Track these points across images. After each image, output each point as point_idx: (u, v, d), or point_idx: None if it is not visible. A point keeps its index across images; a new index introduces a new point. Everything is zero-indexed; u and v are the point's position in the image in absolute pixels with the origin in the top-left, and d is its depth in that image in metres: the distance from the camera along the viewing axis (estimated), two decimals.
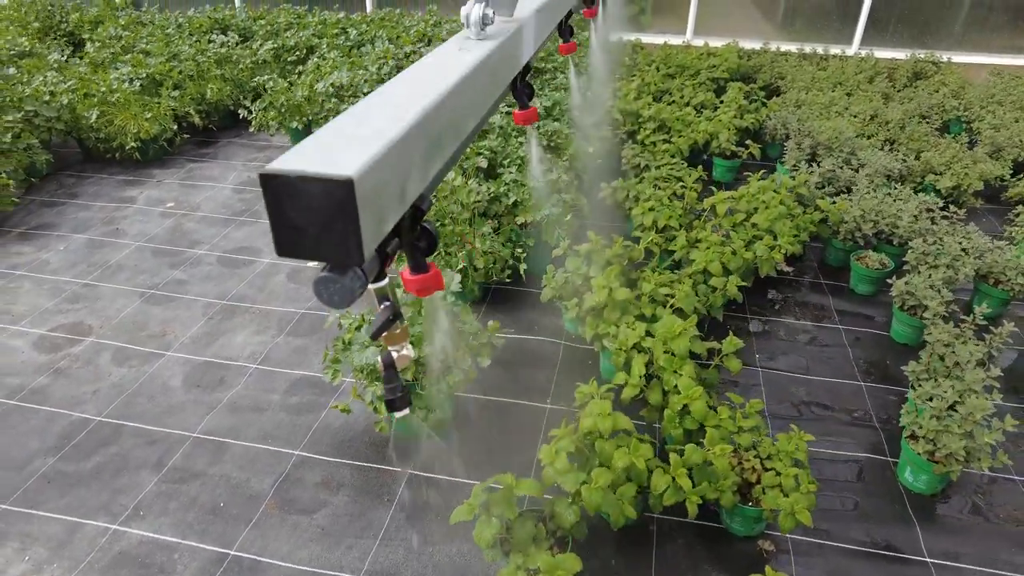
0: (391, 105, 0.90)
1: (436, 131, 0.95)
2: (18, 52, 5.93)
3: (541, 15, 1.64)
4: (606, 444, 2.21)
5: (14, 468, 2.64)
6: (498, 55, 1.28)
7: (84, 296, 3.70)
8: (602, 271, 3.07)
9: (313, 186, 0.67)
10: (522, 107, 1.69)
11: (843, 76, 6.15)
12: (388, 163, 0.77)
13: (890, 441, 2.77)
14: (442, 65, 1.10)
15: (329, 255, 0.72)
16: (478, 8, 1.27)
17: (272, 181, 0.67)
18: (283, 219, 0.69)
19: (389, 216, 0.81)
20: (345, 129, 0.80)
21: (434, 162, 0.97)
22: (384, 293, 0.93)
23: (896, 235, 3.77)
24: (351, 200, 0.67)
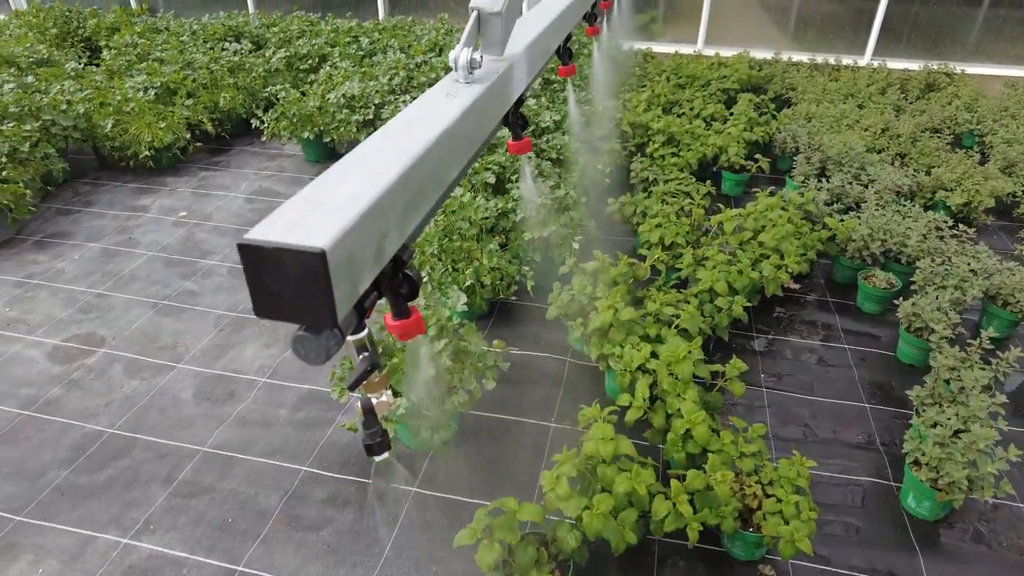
0: (371, 163, 0.93)
1: (417, 186, 0.98)
2: (36, 60, 6.03)
3: (533, 48, 1.65)
4: (608, 469, 2.24)
5: (28, 480, 2.69)
6: (487, 98, 1.30)
7: (98, 306, 3.76)
8: (608, 290, 3.10)
9: (287, 256, 0.70)
10: (515, 138, 1.71)
11: (855, 87, 6.13)
12: (363, 229, 0.80)
13: (894, 465, 2.78)
14: (427, 115, 1.12)
15: (304, 319, 0.75)
16: (466, 52, 1.27)
17: (249, 250, 0.71)
18: (260, 285, 0.73)
19: (364, 277, 0.84)
20: (323, 193, 0.83)
21: (414, 216, 1.00)
22: (362, 344, 0.95)
23: (904, 254, 3.76)
24: (324, 270, 0.70)
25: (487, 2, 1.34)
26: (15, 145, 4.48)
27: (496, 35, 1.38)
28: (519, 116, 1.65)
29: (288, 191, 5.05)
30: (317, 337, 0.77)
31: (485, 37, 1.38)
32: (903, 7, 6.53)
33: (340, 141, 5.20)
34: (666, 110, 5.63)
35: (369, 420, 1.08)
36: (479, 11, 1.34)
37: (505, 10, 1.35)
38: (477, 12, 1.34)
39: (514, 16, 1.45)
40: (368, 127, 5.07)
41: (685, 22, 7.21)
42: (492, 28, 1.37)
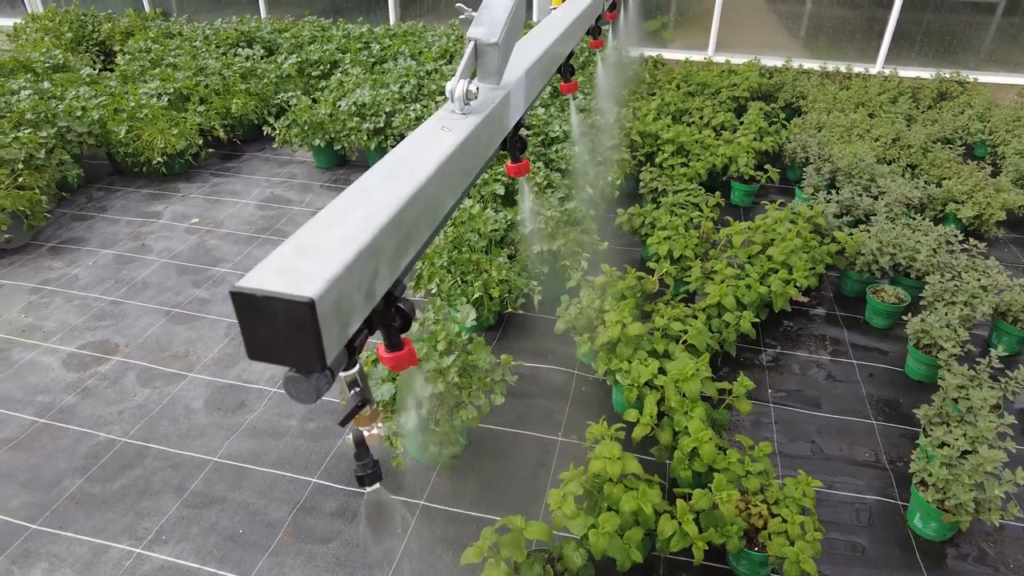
0: (363, 205, 0.94)
1: (409, 226, 0.99)
2: (52, 65, 6.10)
3: (533, 72, 1.66)
4: (614, 488, 2.26)
5: (44, 488, 2.74)
6: (482, 129, 1.31)
7: (111, 313, 3.81)
8: (616, 303, 3.11)
9: (277, 304, 0.72)
10: (514, 160, 1.71)
11: (866, 96, 6.11)
12: (352, 274, 0.82)
13: (900, 484, 2.78)
14: (421, 150, 1.13)
15: (294, 362, 0.78)
16: (462, 84, 1.27)
17: (241, 298, 0.73)
18: (252, 329, 0.75)
19: (354, 319, 0.86)
20: (314, 238, 0.85)
21: (407, 254, 1.01)
22: (353, 380, 0.97)
23: (914, 268, 3.75)
24: (312, 318, 0.73)
25: (484, 33, 1.34)
26: (31, 152, 4.54)
27: (493, 64, 1.38)
28: (518, 139, 1.65)
29: (299, 198, 5.09)
30: (307, 378, 0.80)
31: (482, 67, 1.39)
32: (915, 14, 6.50)
33: (351, 149, 5.24)
34: (676, 119, 5.63)
35: (360, 452, 1.10)
36: (476, 42, 1.35)
37: (502, 40, 1.36)
38: (474, 43, 1.35)
39: (511, 45, 1.44)
40: (378, 135, 5.10)
41: (696, 29, 7.21)
42: (489, 58, 1.37)
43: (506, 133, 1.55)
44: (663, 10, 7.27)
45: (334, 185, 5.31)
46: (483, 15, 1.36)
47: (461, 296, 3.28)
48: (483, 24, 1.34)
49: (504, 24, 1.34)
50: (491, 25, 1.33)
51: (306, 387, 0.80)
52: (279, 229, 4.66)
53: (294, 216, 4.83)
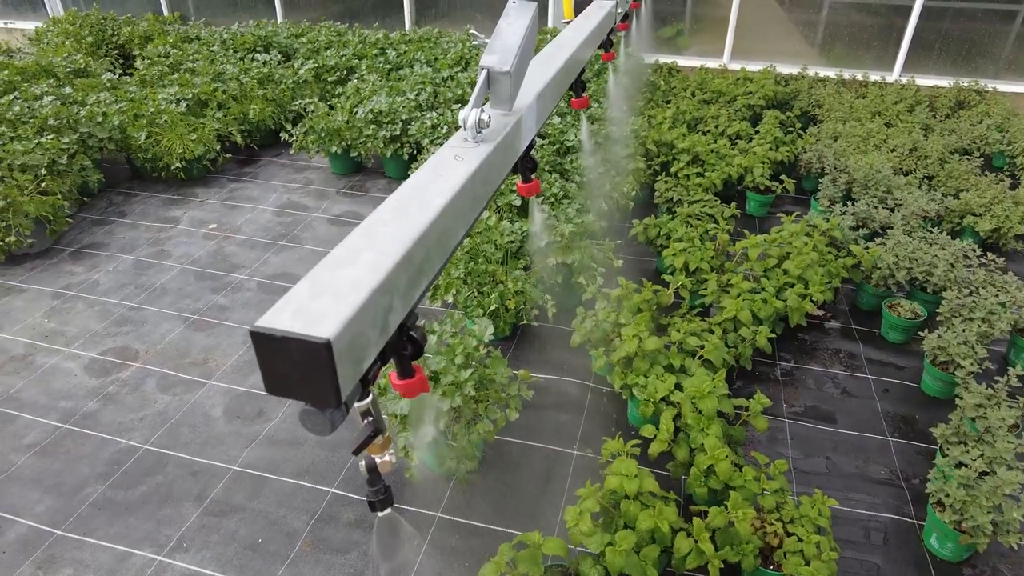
0: (377, 241, 0.97)
1: (421, 259, 1.02)
2: (73, 70, 6.18)
3: (544, 96, 1.67)
4: (631, 505, 2.27)
5: (67, 494, 2.79)
6: (495, 157, 1.33)
7: (131, 319, 3.87)
8: (632, 316, 3.12)
9: (294, 344, 0.75)
10: (525, 180, 1.73)
11: (882, 105, 6.08)
12: (367, 312, 0.85)
13: (916, 503, 2.77)
14: (434, 181, 1.16)
15: (310, 398, 0.81)
16: (475, 113, 1.29)
17: (260, 337, 0.76)
18: (270, 367, 0.78)
19: (368, 354, 0.88)
20: (329, 276, 0.88)
21: (418, 286, 1.03)
22: (366, 410, 1.00)
23: (931, 283, 3.74)
24: (329, 358, 0.76)
25: (496, 61, 1.36)
26: (54, 157, 4.61)
27: (505, 92, 1.40)
28: (529, 160, 1.66)
29: (316, 204, 5.14)
30: (323, 412, 0.83)
31: (494, 94, 1.41)
32: (934, 22, 6.46)
33: (367, 155, 5.28)
34: (691, 127, 5.63)
35: (373, 478, 1.12)
36: (489, 70, 1.37)
37: (514, 68, 1.37)
38: (487, 71, 1.37)
39: (523, 71, 1.46)
40: (394, 142, 5.14)
41: (711, 36, 7.20)
42: (501, 86, 1.39)
43: (518, 157, 1.56)
44: (678, 17, 7.27)
45: (350, 192, 5.35)
46: (495, 43, 1.38)
47: (478, 307, 3.30)
48: (496, 52, 1.37)
49: (516, 52, 1.36)
50: (503, 53, 1.36)
51: (321, 420, 0.83)
52: (296, 236, 4.70)
53: (311, 223, 4.87)
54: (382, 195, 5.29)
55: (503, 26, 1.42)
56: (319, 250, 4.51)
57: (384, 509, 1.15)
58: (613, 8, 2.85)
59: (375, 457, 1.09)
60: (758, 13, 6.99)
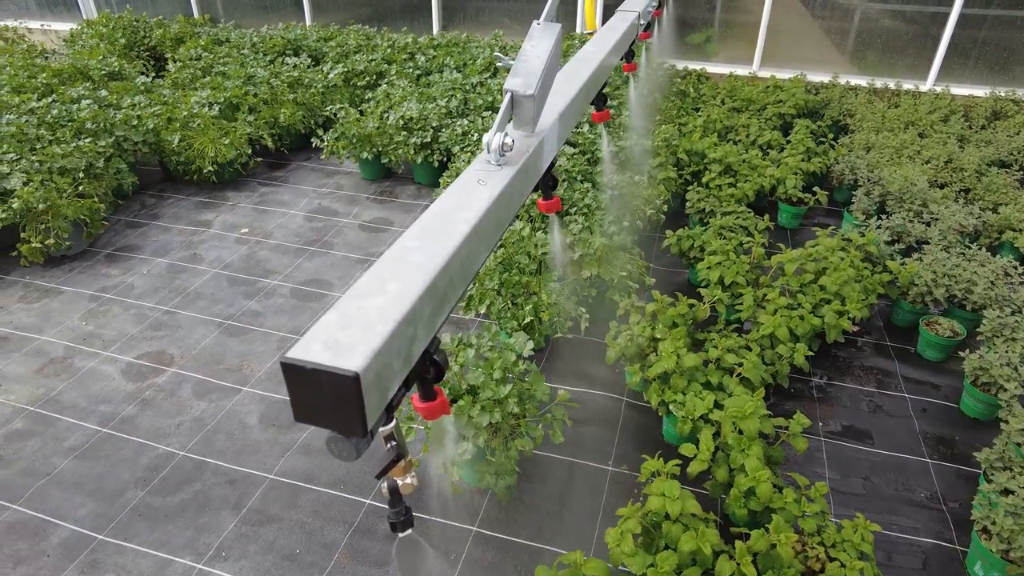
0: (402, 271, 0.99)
1: (445, 287, 1.04)
2: (108, 72, 6.27)
3: (566, 116, 1.68)
4: (673, 527, 2.26)
5: (108, 498, 2.83)
6: (517, 179, 1.35)
7: (166, 324, 3.91)
8: (667, 331, 3.11)
9: (324, 376, 0.79)
10: (546, 197, 1.73)
11: (915, 115, 5.99)
12: (393, 344, 0.87)
13: (958, 527, 2.73)
14: (458, 208, 1.18)
15: (338, 428, 0.84)
16: (498, 137, 1.31)
17: (290, 368, 0.80)
18: (300, 396, 0.82)
19: (393, 384, 0.91)
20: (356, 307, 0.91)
21: (442, 314, 1.05)
22: (390, 435, 1.02)
23: (970, 301, 3.68)
24: (357, 390, 0.78)
25: (520, 84, 1.38)
26: (91, 160, 4.68)
27: (528, 114, 1.42)
28: (550, 178, 1.68)
29: (346, 210, 5.16)
30: (349, 439, 0.86)
31: (518, 116, 1.42)
32: (971, 30, 6.35)
33: (397, 162, 5.30)
34: (721, 136, 5.59)
35: (394, 500, 1.14)
36: (513, 93, 1.38)
37: (538, 92, 1.38)
38: (511, 94, 1.38)
39: (547, 94, 1.47)
40: (424, 149, 5.15)
41: (740, 42, 7.14)
42: (525, 108, 1.41)
43: (539, 177, 1.58)
44: (707, 23, 7.21)
45: (380, 198, 5.37)
46: (519, 67, 1.40)
47: (512, 319, 3.30)
48: (519, 76, 1.38)
49: (540, 75, 1.38)
50: (527, 77, 1.38)
51: (348, 446, 0.86)
52: (328, 241, 4.73)
53: (342, 228, 4.90)
54: (412, 201, 5.30)
55: (527, 48, 1.43)
56: (351, 256, 4.53)
57: (405, 530, 1.17)
58: (636, 19, 2.83)
59: (397, 479, 1.12)
60: (788, 20, 6.91)
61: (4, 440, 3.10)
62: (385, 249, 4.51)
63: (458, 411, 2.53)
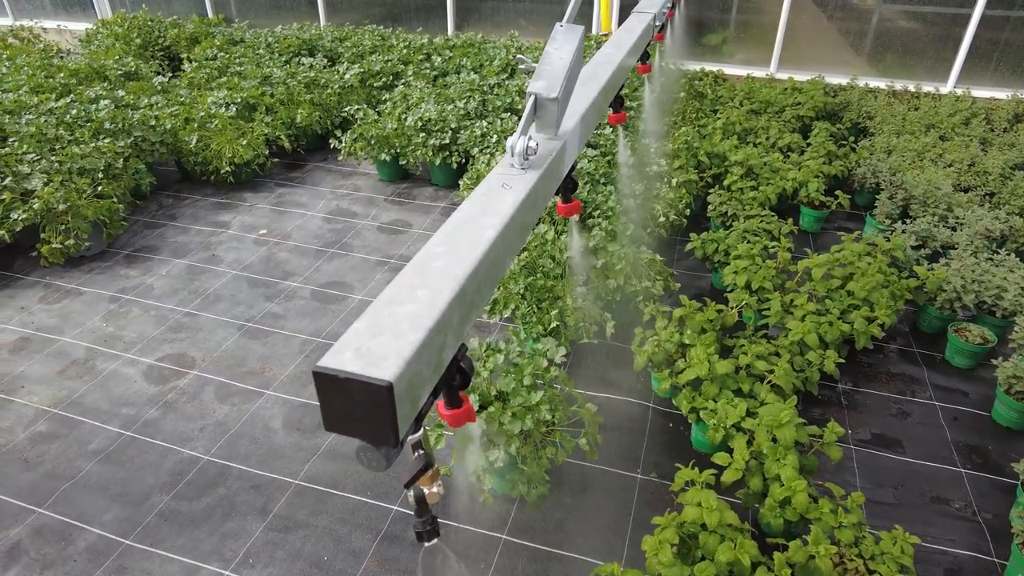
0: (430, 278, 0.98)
1: (473, 292, 1.02)
2: (125, 72, 6.26)
3: (587, 118, 1.67)
4: (710, 537, 2.22)
5: (134, 503, 2.81)
6: (541, 183, 1.34)
7: (186, 326, 3.89)
8: (695, 337, 3.07)
9: (356, 385, 0.77)
10: (565, 200, 1.71)
11: (936, 117, 5.93)
12: (424, 353, 0.86)
13: (996, 539, 2.68)
14: (483, 212, 1.17)
15: (370, 437, 0.82)
16: (522, 141, 1.30)
17: (322, 377, 0.78)
18: (332, 404, 0.80)
19: (424, 393, 0.90)
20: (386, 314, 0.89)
21: (469, 320, 1.04)
22: (417, 442, 1.01)
23: (1000, 307, 3.63)
24: (389, 400, 0.77)
25: (544, 87, 1.36)
26: (110, 161, 4.67)
27: (552, 117, 1.41)
28: (570, 180, 1.67)
29: (364, 211, 5.14)
30: (378, 449, 0.84)
31: (541, 119, 1.41)
32: (993, 31, 6.28)
33: (414, 163, 5.27)
34: (741, 138, 5.54)
35: (420, 509, 1.13)
36: (536, 96, 1.36)
37: (561, 94, 1.37)
38: (535, 97, 1.37)
39: (569, 96, 1.46)
40: (443, 151, 5.12)
41: (757, 43, 7.09)
42: (548, 112, 1.40)
43: (561, 181, 1.57)
44: (723, 24, 7.17)
45: (398, 199, 5.35)
46: (543, 69, 1.38)
47: (537, 324, 3.27)
48: (543, 78, 1.37)
49: (564, 78, 1.36)
50: (551, 79, 1.36)
51: (378, 456, 0.84)
52: (346, 243, 4.71)
53: (360, 230, 4.87)
54: (429, 203, 5.27)
55: (550, 51, 1.42)
56: (370, 258, 4.51)
57: (431, 540, 1.16)
58: (651, 21, 2.81)
59: (424, 488, 1.11)
60: (805, 21, 6.86)
61: (28, 442, 3.09)
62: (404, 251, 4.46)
63: (488, 418, 2.50)
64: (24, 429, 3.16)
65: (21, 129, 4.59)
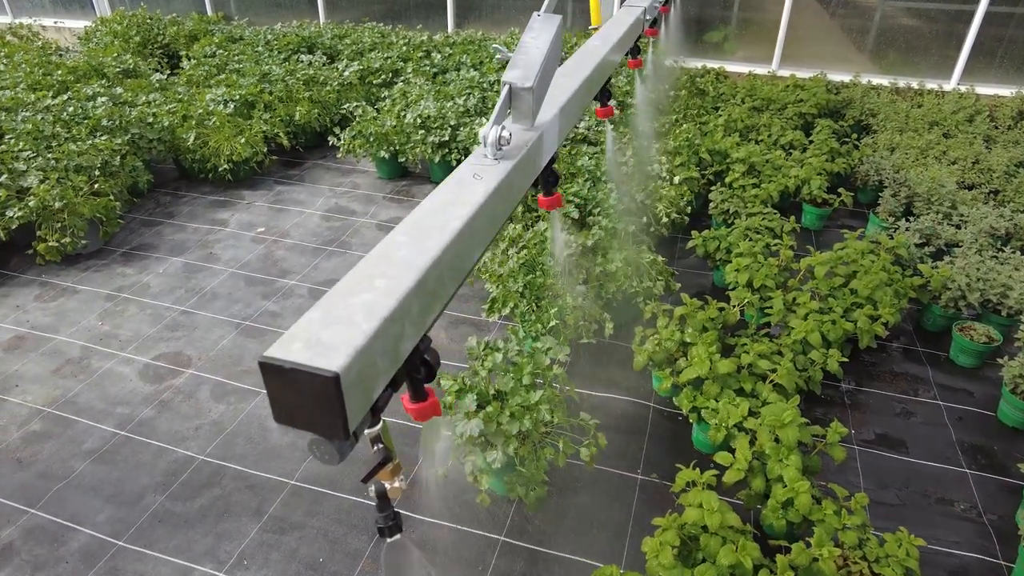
0: (390, 267, 0.96)
1: (435, 283, 1.00)
2: (123, 70, 6.23)
3: (567, 110, 1.65)
4: (711, 540, 2.18)
5: (128, 504, 2.77)
6: (514, 174, 1.31)
7: (183, 324, 3.86)
8: (697, 335, 3.03)
9: (303, 376, 0.75)
10: (547, 193, 1.69)
11: (939, 115, 5.88)
12: (377, 343, 0.83)
13: (1002, 541, 2.64)
14: (452, 202, 1.15)
15: (319, 430, 0.80)
16: (495, 131, 1.28)
17: (269, 367, 0.76)
18: (279, 397, 0.79)
19: (378, 384, 0.88)
20: (340, 304, 0.87)
21: (432, 311, 1.02)
22: (376, 436, 1.00)
23: (1005, 306, 3.58)
24: (337, 391, 0.75)
25: (519, 77, 1.34)
26: (107, 158, 4.64)
27: (527, 107, 1.39)
28: (551, 173, 1.65)
29: (363, 209, 5.10)
30: (331, 442, 0.82)
31: (516, 109, 1.39)
32: (996, 28, 6.23)
33: (413, 160, 5.24)
34: (743, 135, 5.50)
35: (382, 504, 1.12)
36: (511, 86, 1.34)
37: (536, 84, 1.35)
38: (509, 86, 1.35)
39: (546, 87, 1.44)
40: (443, 148, 5.08)
41: (759, 41, 7.04)
42: (523, 102, 1.38)
43: (538, 173, 1.55)
44: (724, 21, 7.12)
45: (397, 197, 5.31)
46: (518, 59, 1.37)
47: (536, 323, 3.23)
48: (518, 68, 1.35)
49: (539, 67, 1.35)
50: (526, 69, 1.34)
51: (330, 449, 0.83)
52: (345, 241, 4.67)
53: (359, 228, 4.83)
54: None
55: (527, 40, 1.41)
56: None
57: (393, 535, 1.14)
58: (641, 14, 2.77)
59: (385, 483, 1.09)
60: (807, 18, 6.81)
61: (22, 442, 3.06)
62: None
63: (486, 418, 2.46)
64: (17, 428, 3.13)
65: (17, 126, 4.56)
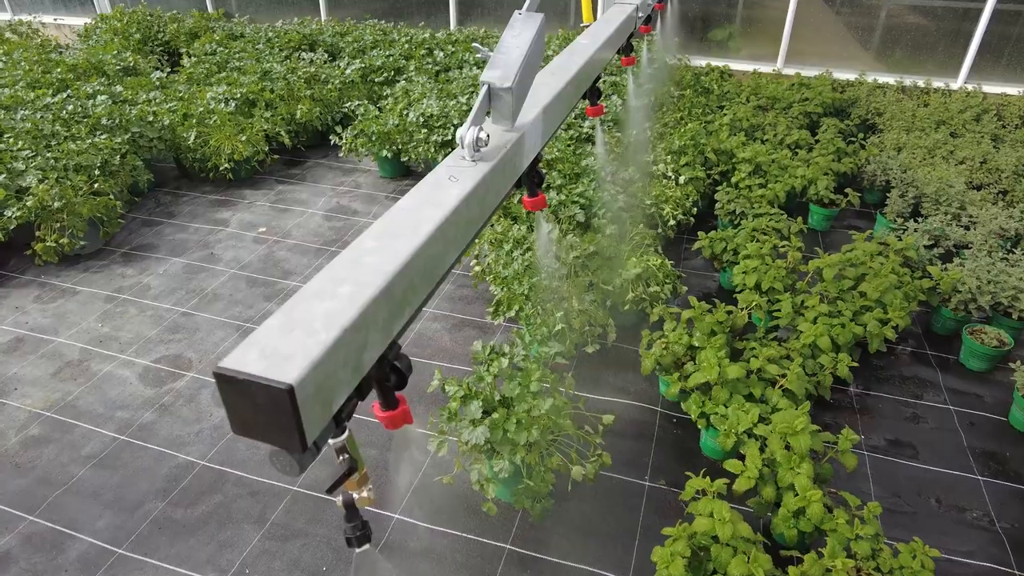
0: (357, 272, 0.92)
1: (404, 289, 0.97)
2: (123, 68, 6.18)
3: (551, 110, 1.61)
4: (722, 550, 2.14)
5: (128, 510, 2.73)
6: (492, 177, 1.28)
7: (183, 326, 3.81)
8: (705, 339, 2.98)
9: (257, 388, 0.73)
10: (531, 194, 1.66)
11: (946, 114, 5.83)
12: (338, 353, 0.80)
13: (1016, 550, 2.60)
14: (424, 204, 1.11)
15: (276, 441, 0.78)
16: (472, 131, 1.25)
17: (224, 378, 0.74)
18: (235, 408, 0.76)
19: (339, 395, 0.85)
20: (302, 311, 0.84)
21: (400, 317, 0.99)
22: (341, 446, 0.98)
23: (1016, 308, 3.53)
24: (292, 404, 0.73)
25: (498, 77, 1.31)
26: (107, 157, 4.59)
27: (507, 108, 1.35)
28: (535, 174, 1.61)
29: (365, 209, 5.06)
30: (291, 453, 0.80)
31: (496, 110, 1.36)
32: (1004, 26, 6.17)
33: (416, 159, 5.19)
34: (748, 134, 5.44)
35: (351, 514, 1.10)
36: (489, 85, 1.31)
37: (516, 84, 1.31)
38: (487, 86, 1.32)
39: (527, 87, 1.40)
40: (446, 147, 5.04)
41: (764, 39, 6.98)
42: (502, 102, 1.34)
43: (519, 175, 1.52)
44: (729, 19, 7.06)
45: (399, 197, 5.24)
46: (498, 58, 1.34)
47: (542, 326, 3.18)
48: (498, 67, 1.32)
49: (519, 68, 1.31)
50: (506, 68, 1.31)
51: (289, 462, 0.81)
52: (347, 242, 4.61)
53: (362, 228, 4.77)
54: None
55: (507, 39, 1.38)
56: None
57: (362, 545, 1.13)
58: (634, 12, 2.72)
59: (352, 493, 1.07)
60: (812, 17, 6.75)
61: (20, 447, 3.02)
62: None
63: (492, 425, 2.41)
64: (16, 433, 3.09)
65: (16, 125, 4.51)
